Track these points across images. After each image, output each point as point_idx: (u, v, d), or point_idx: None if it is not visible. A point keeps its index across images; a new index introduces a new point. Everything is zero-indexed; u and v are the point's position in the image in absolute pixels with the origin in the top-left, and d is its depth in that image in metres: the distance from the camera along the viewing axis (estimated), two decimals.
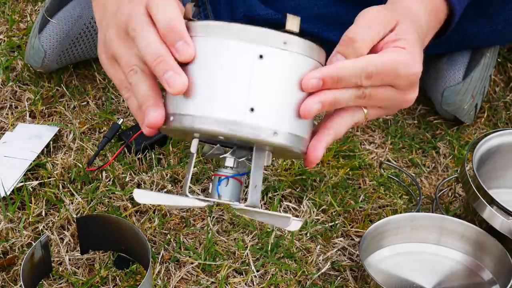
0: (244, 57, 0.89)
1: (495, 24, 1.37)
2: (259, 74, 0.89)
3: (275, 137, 0.90)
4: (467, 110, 1.40)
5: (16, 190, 1.23)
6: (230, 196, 0.94)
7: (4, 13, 1.58)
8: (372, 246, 1.18)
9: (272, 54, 0.90)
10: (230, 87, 0.89)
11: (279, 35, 0.90)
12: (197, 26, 0.91)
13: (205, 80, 0.90)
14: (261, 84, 0.89)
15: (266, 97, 0.90)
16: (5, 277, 1.12)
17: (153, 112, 0.92)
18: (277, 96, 0.90)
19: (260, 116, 0.89)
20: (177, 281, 1.14)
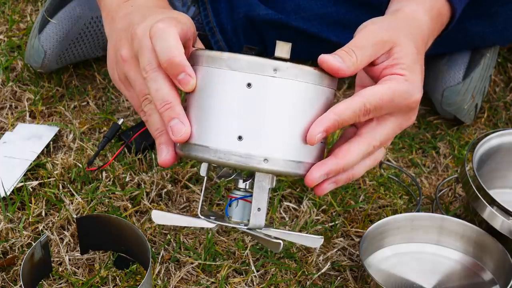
0: (233, 86, 0.91)
1: (495, 24, 1.37)
2: (246, 103, 0.91)
3: (266, 164, 0.92)
4: (467, 110, 1.40)
5: (16, 190, 1.23)
6: (239, 217, 0.98)
7: (4, 13, 1.58)
8: (372, 246, 1.18)
9: (260, 81, 0.91)
10: (220, 116, 0.92)
11: (268, 63, 0.91)
12: (196, 55, 0.94)
13: (200, 109, 0.93)
14: (248, 112, 0.91)
15: (255, 125, 0.91)
16: (5, 277, 1.12)
17: (165, 154, 0.98)
18: (267, 123, 0.91)
19: (249, 145, 0.91)
20: (177, 281, 1.14)
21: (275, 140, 0.92)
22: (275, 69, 0.91)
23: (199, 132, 0.93)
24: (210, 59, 0.92)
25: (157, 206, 1.23)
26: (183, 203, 1.25)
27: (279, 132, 0.92)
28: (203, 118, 0.93)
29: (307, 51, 1.46)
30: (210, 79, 0.92)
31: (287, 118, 0.92)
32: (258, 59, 0.91)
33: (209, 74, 0.93)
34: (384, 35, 0.97)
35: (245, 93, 0.91)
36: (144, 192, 1.24)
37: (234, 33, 1.46)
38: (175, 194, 1.26)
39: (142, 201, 1.24)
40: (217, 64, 0.92)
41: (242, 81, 0.91)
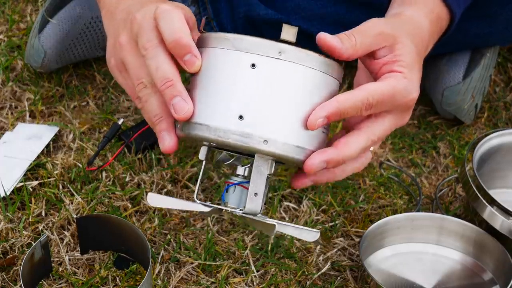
0: (236, 65, 0.91)
1: (495, 24, 1.37)
2: (250, 83, 0.91)
3: (265, 146, 0.91)
4: (467, 110, 1.40)
5: (16, 190, 1.23)
6: (236, 203, 0.96)
7: (4, 13, 1.58)
8: (372, 246, 1.18)
9: (264, 63, 0.91)
10: (222, 94, 0.91)
11: (273, 45, 0.91)
12: (202, 38, 0.94)
13: (203, 88, 0.93)
14: (251, 92, 0.91)
15: (257, 106, 0.91)
16: (5, 277, 1.12)
17: (168, 141, 0.96)
18: (269, 105, 0.91)
19: (249, 124, 0.91)
20: (177, 281, 1.14)
21: (276, 122, 0.91)
22: (280, 52, 0.91)
23: (200, 111, 0.92)
24: (216, 40, 0.92)
25: None
26: None
27: (280, 115, 0.91)
28: (205, 96, 0.92)
29: None
30: (214, 59, 0.92)
31: (289, 101, 0.91)
32: (264, 40, 0.91)
33: (214, 54, 0.92)
34: (387, 29, 0.97)
35: (249, 73, 0.91)
36: (144, 192, 1.24)
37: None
38: (175, 194, 1.26)
39: (142, 201, 1.24)
40: (222, 44, 0.92)
41: (247, 61, 0.91)
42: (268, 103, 0.91)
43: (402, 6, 1.04)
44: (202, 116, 0.92)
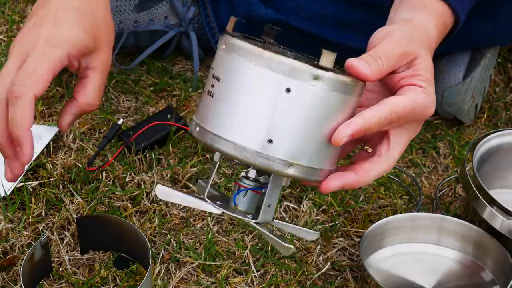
0: (271, 88, 0.89)
1: (496, 24, 1.37)
2: (283, 107, 0.89)
3: (289, 169, 0.92)
4: (467, 110, 1.40)
5: (16, 190, 1.23)
6: (246, 207, 0.97)
7: (4, 13, 1.58)
8: (372, 246, 1.18)
9: (300, 88, 0.89)
10: (253, 115, 0.90)
11: (311, 70, 0.89)
12: (233, 44, 0.91)
13: (231, 101, 0.91)
14: (283, 117, 0.90)
15: (287, 131, 0.91)
16: (5, 277, 1.12)
17: (8, 175, 1.03)
18: (299, 130, 0.91)
19: (277, 149, 0.91)
20: (177, 281, 1.14)
21: (304, 148, 0.91)
22: (317, 78, 0.89)
23: (224, 125, 0.91)
24: (250, 54, 0.90)
25: (157, 206, 1.23)
26: None
27: (309, 140, 0.92)
28: (232, 111, 0.91)
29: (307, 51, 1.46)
30: (245, 73, 0.90)
31: (319, 126, 0.91)
32: (301, 64, 0.89)
33: (246, 68, 0.90)
34: (409, 47, 0.97)
35: (283, 98, 0.89)
36: (144, 192, 1.24)
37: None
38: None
39: (142, 201, 1.24)
40: (256, 61, 0.90)
41: (282, 85, 0.89)
42: (299, 129, 0.91)
43: (411, 10, 1.03)
44: (227, 132, 0.91)
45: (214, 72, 0.93)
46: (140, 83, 1.45)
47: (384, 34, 0.98)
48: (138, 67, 1.48)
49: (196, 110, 0.96)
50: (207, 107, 0.93)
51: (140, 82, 1.45)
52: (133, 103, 1.41)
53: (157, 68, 1.48)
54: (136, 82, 1.45)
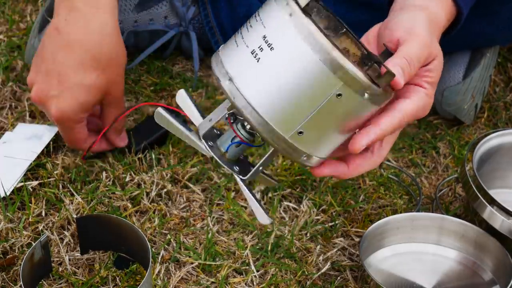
0: (325, 88, 0.89)
1: (497, 23, 1.37)
2: (326, 109, 0.90)
3: (305, 160, 0.94)
4: (467, 110, 1.40)
5: (16, 190, 1.23)
6: (233, 156, 0.98)
7: (4, 13, 1.58)
8: (372, 246, 1.18)
9: (349, 96, 0.90)
10: (295, 104, 0.90)
11: (367, 85, 0.89)
12: (303, 25, 0.88)
13: (277, 79, 0.89)
14: (322, 117, 0.90)
15: (320, 129, 0.92)
16: (5, 277, 1.12)
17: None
18: (330, 130, 0.93)
19: (304, 142, 0.92)
20: (177, 281, 1.14)
21: (325, 144, 0.94)
22: (368, 91, 0.90)
23: (258, 96, 0.90)
24: (317, 45, 0.87)
25: (157, 206, 1.23)
26: (183, 203, 1.25)
27: (332, 140, 0.94)
28: (274, 89, 0.89)
29: None
30: (305, 60, 0.88)
31: (346, 129, 0.93)
32: (362, 77, 0.88)
33: (307, 56, 0.88)
34: (432, 47, 0.99)
35: (330, 100, 0.89)
36: (144, 192, 1.24)
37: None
38: (175, 194, 1.26)
39: (142, 201, 1.24)
40: (321, 55, 0.88)
41: (336, 89, 0.89)
42: (330, 129, 0.93)
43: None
44: (262, 107, 0.90)
45: (267, 34, 0.90)
46: (140, 83, 1.45)
47: (408, 28, 0.98)
48: (138, 67, 1.48)
49: (225, 53, 0.93)
50: (245, 66, 0.91)
51: (140, 82, 1.45)
52: (133, 103, 1.41)
53: (157, 68, 1.48)
54: (136, 82, 1.45)
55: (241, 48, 0.92)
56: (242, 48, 0.92)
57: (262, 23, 0.91)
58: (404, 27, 0.98)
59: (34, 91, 1.20)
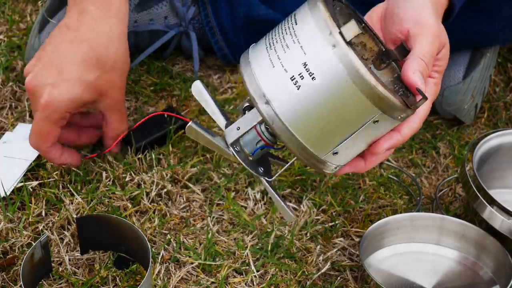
0: (364, 116, 0.91)
1: (496, 22, 1.37)
2: (363, 133, 0.93)
3: (331, 170, 0.98)
4: (467, 110, 1.40)
5: (16, 190, 1.23)
6: (257, 157, 1.00)
7: (4, 13, 1.58)
8: (372, 246, 1.18)
9: (385, 121, 0.93)
10: (334, 131, 0.93)
11: (404, 111, 0.92)
12: (347, 57, 0.89)
13: (319, 109, 0.91)
14: (358, 139, 0.94)
15: (352, 149, 0.96)
16: (5, 277, 1.12)
17: None
18: (361, 147, 0.97)
19: (337, 160, 0.96)
20: (177, 281, 1.14)
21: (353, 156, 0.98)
22: (402, 117, 0.93)
23: (298, 122, 0.92)
24: (358, 78, 0.89)
25: (157, 206, 1.23)
26: (183, 203, 1.25)
27: (359, 151, 0.98)
28: (314, 116, 0.91)
29: None
30: (346, 92, 0.90)
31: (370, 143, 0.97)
32: (398, 104, 0.91)
33: (349, 89, 0.90)
34: (441, 36, 1.01)
35: (367, 126, 0.92)
36: (144, 192, 1.24)
37: (234, 33, 1.46)
38: (175, 194, 1.26)
39: (142, 201, 1.24)
40: (361, 87, 0.89)
41: (374, 116, 0.91)
42: (362, 146, 0.96)
43: None
44: (300, 133, 0.92)
45: (308, 62, 0.90)
46: (140, 83, 1.45)
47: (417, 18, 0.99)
48: (138, 67, 1.48)
49: (259, 70, 0.93)
50: (284, 91, 0.91)
51: (140, 82, 1.45)
52: (133, 103, 1.41)
53: (157, 68, 1.48)
54: (136, 82, 1.45)
55: (279, 70, 0.92)
56: (280, 70, 0.91)
57: (301, 48, 0.90)
58: (413, 17, 0.99)
59: (30, 77, 1.18)
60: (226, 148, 0.98)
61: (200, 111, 1.40)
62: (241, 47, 1.47)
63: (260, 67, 0.93)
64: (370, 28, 0.96)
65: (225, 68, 1.50)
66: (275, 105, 0.91)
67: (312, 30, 0.90)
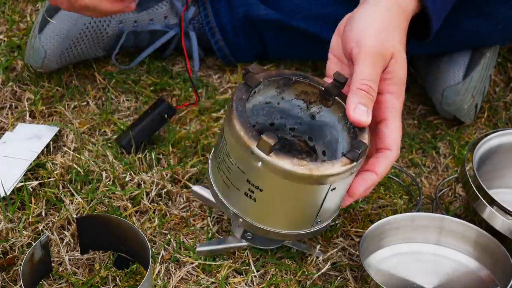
0: (320, 193, 1.02)
1: (495, 23, 1.37)
2: (329, 199, 1.03)
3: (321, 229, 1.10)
4: (467, 110, 1.40)
5: (16, 190, 1.23)
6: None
7: (4, 13, 1.58)
8: (372, 246, 1.18)
9: (342, 183, 1.02)
10: (305, 214, 1.05)
11: (349, 169, 1.01)
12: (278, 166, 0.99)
13: (282, 207, 1.04)
14: (329, 204, 1.04)
15: (330, 211, 1.07)
16: (5, 277, 1.12)
17: None
18: (338, 203, 1.07)
19: (322, 223, 1.08)
20: (177, 281, 1.14)
21: (335, 212, 1.09)
22: (352, 172, 1.02)
23: (283, 224, 1.06)
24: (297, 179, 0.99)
25: (157, 206, 1.23)
26: (183, 203, 1.25)
27: (338, 207, 1.09)
28: (288, 217, 1.05)
29: (307, 51, 1.46)
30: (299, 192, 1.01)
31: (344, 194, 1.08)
32: (344, 169, 1.00)
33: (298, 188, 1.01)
34: (385, 49, 1.02)
35: (329, 194, 1.02)
36: (144, 192, 1.24)
37: (234, 33, 1.46)
38: (175, 194, 1.26)
39: (142, 201, 1.24)
40: (304, 182, 1.00)
41: (330, 188, 1.01)
42: (336, 204, 1.07)
43: None
44: (285, 228, 1.06)
45: (250, 179, 1.01)
46: (140, 83, 1.45)
47: (359, 35, 1.02)
48: (138, 67, 1.48)
49: (224, 194, 1.07)
50: (247, 205, 1.04)
51: (140, 82, 1.45)
52: (133, 103, 1.41)
53: (157, 68, 1.48)
54: (136, 82, 1.45)
55: (234, 190, 1.04)
56: (234, 190, 1.04)
57: (239, 168, 1.02)
58: (355, 37, 1.03)
59: None
60: (240, 242, 1.16)
61: (200, 111, 1.40)
62: (241, 47, 1.47)
63: (220, 189, 1.07)
64: (305, 75, 1.07)
65: (225, 68, 1.50)
66: (248, 218, 1.05)
67: (238, 150, 1.01)
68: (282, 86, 1.08)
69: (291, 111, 1.11)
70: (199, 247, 1.15)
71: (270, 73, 1.07)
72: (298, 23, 1.41)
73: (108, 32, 1.42)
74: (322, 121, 1.10)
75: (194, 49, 1.45)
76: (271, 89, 1.08)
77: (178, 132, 1.35)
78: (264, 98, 1.09)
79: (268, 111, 1.12)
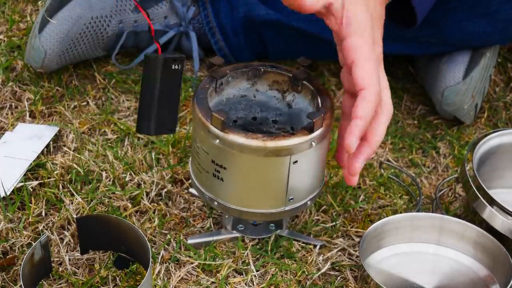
0: (283, 167, 1.04)
1: (495, 23, 1.37)
2: (296, 174, 1.06)
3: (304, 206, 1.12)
4: (467, 110, 1.40)
5: (16, 190, 1.23)
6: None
7: (4, 13, 1.58)
8: (372, 246, 1.18)
9: (304, 155, 1.04)
10: (272, 191, 1.08)
11: (306, 140, 1.03)
12: (236, 141, 1.03)
13: (247, 185, 1.07)
14: (296, 180, 1.06)
15: (300, 187, 1.08)
16: (5, 277, 1.12)
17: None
18: (309, 179, 1.09)
19: (296, 201, 1.10)
20: (177, 281, 1.14)
21: (312, 188, 1.11)
22: (312, 142, 1.04)
23: (255, 201, 1.09)
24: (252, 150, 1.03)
25: (157, 206, 1.23)
26: (183, 203, 1.25)
27: (314, 181, 1.11)
28: (256, 192, 1.08)
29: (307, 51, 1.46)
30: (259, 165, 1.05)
31: (318, 168, 1.10)
32: (301, 139, 1.03)
33: (254, 161, 1.04)
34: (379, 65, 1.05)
35: (292, 168, 1.05)
36: (144, 192, 1.24)
37: (234, 33, 1.46)
38: (175, 194, 1.26)
39: (142, 201, 1.24)
40: (261, 153, 1.03)
41: (291, 161, 1.04)
42: (308, 179, 1.09)
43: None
44: (253, 206, 1.09)
45: (214, 159, 1.05)
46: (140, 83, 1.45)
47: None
48: (138, 67, 1.48)
49: (197, 178, 1.11)
50: (218, 186, 1.08)
51: (140, 82, 1.45)
52: (133, 103, 1.41)
53: None
54: (136, 82, 1.45)
55: (204, 173, 1.09)
56: (204, 173, 1.09)
57: (204, 150, 1.07)
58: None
59: None
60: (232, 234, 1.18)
61: None
62: (241, 47, 1.47)
63: (196, 176, 1.11)
64: (273, 65, 1.12)
65: None
66: (221, 200, 1.09)
67: (199, 133, 1.06)
68: (252, 78, 1.12)
69: (269, 103, 1.15)
70: (190, 240, 1.17)
71: (237, 65, 1.11)
72: (298, 23, 1.41)
73: (108, 32, 1.42)
74: (298, 108, 1.14)
75: (194, 49, 1.45)
76: (242, 81, 1.13)
77: (178, 132, 1.35)
78: (237, 91, 1.13)
79: (246, 105, 1.16)
